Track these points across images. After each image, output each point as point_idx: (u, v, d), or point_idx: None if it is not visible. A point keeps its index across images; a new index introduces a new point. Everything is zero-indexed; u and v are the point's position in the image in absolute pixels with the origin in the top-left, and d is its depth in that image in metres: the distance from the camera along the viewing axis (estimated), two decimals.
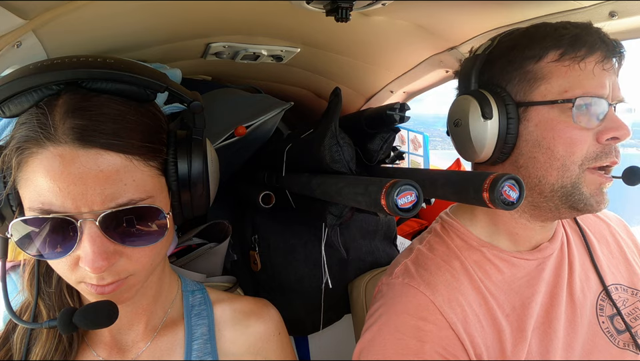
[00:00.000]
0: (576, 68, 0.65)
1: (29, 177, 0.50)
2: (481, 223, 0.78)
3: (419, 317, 0.67)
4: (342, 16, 0.78)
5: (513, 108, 0.69)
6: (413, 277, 0.73)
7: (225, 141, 1.02)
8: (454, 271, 0.73)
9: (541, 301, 0.72)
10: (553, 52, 0.67)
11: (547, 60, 0.67)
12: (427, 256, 0.77)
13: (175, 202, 0.59)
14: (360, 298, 1.13)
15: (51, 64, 0.51)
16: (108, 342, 0.66)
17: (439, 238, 0.80)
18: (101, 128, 0.50)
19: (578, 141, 0.65)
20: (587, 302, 0.75)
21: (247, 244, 1.23)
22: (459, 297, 0.69)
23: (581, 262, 0.79)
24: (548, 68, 0.67)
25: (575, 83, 0.65)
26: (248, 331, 0.71)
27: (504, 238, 0.76)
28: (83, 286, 0.53)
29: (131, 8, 0.80)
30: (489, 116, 0.68)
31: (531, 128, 0.68)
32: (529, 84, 0.68)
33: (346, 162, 0.85)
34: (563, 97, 0.65)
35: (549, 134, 0.67)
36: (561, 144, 0.66)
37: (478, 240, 0.76)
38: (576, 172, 0.66)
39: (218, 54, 1.13)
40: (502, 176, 0.54)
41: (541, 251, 0.76)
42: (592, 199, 0.67)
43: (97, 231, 0.50)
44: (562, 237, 0.80)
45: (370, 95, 1.45)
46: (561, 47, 0.66)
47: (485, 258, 0.74)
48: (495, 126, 0.69)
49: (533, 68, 0.68)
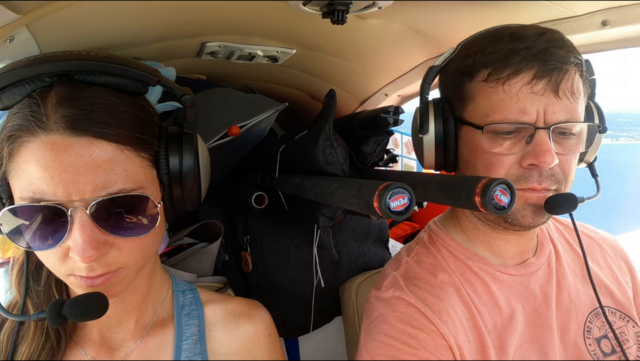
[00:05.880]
0: (499, 91, 0.63)
1: (20, 166, 0.50)
2: (462, 232, 0.77)
3: (412, 325, 0.67)
4: (338, 18, 0.78)
5: (451, 125, 0.69)
6: (403, 290, 0.72)
7: (219, 140, 1.02)
8: (442, 284, 0.72)
9: (524, 319, 0.71)
10: (483, 71, 0.65)
11: (478, 79, 0.65)
12: (414, 269, 0.76)
13: (166, 195, 0.59)
14: (351, 301, 1.13)
15: (44, 57, 0.52)
16: (96, 341, 0.65)
17: (426, 250, 0.79)
18: (93, 117, 0.50)
19: (495, 164, 0.65)
20: (574, 322, 0.73)
21: (238, 245, 1.22)
22: (449, 310, 0.69)
23: (572, 281, 0.77)
24: (477, 88, 0.66)
25: (494, 107, 0.63)
26: (238, 332, 0.71)
27: (483, 249, 0.75)
28: (73, 279, 0.53)
29: (125, 5, 0.79)
30: (424, 132, 0.70)
31: (461, 146, 0.70)
32: (461, 102, 0.68)
33: (339, 164, 0.85)
34: (481, 121, 0.64)
35: (473, 154, 0.68)
36: (481, 165, 0.66)
37: (464, 251, 0.76)
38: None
39: (213, 54, 1.13)
40: (494, 181, 0.54)
41: (526, 267, 0.75)
42: (517, 214, 0.66)
43: (87, 220, 0.50)
44: (550, 253, 0.78)
45: (364, 98, 1.45)
46: (489, 66, 0.64)
47: (471, 271, 0.74)
48: (431, 141, 0.70)
49: (465, 86, 0.67)
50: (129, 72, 0.54)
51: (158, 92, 0.94)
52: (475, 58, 0.66)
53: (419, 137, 0.72)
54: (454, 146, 0.70)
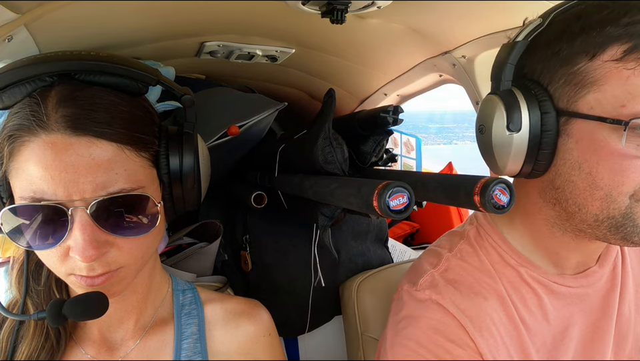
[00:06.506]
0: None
1: (20, 166, 0.50)
2: (519, 233, 0.66)
3: (448, 339, 0.59)
4: (337, 18, 0.79)
5: (552, 118, 0.53)
6: (441, 294, 0.63)
7: (218, 140, 1.02)
8: (486, 292, 0.63)
9: (580, 336, 0.62)
10: (615, 48, 0.49)
11: (605, 57, 0.50)
12: (456, 270, 0.66)
13: (166, 195, 0.59)
14: (351, 300, 1.13)
15: (44, 57, 0.52)
16: (96, 340, 0.65)
17: (471, 249, 0.68)
18: (93, 117, 0.50)
19: (629, 170, 0.50)
20: (632, 335, 0.65)
21: (237, 244, 1.22)
22: (490, 325, 0.60)
23: (633, 288, 0.67)
24: (603, 70, 0.50)
25: (637, 95, 0.48)
26: (238, 331, 0.71)
27: (542, 256, 0.65)
28: (73, 279, 0.53)
29: (125, 5, 0.79)
30: (515, 128, 0.54)
31: (571, 145, 0.54)
32: (575, 88, 0.52)
33: (339, 164, 0.85)
34: (617, 113, 0.49)
35: (593, 158, 0.52)
36: (606, 172, 0.51)
37: (516, 256, 0.65)
38: (626, 203, 0.52)
39: (212, 53, 1.13)
40: (493, 180, 0.54)
41: (586, 277, 0.64)
42: None
43: (87, 219, 0.50)
44: (616, 257, 0.67)
45: (364, 97, 1.45)
46: (628, 40, 0.48)
47: (522, 280, 0.64)
48: (524, 140, 0.54)
49: (583, 67, 0.51)
50: (130, 72, 0.54)
51: (157, 91, 0.94)
52: (605, 30, 0.49)
53: (505, 135, 0.55)
54: (553, 146, 0.55)
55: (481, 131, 0.60)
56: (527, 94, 0.54)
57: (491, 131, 0.57)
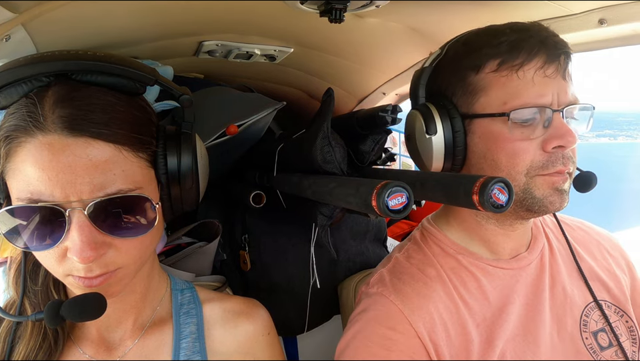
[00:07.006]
0: (514, 78, 0.64)
1: (17, 167, 0.49)
2: (455, 228, 0.78)
3: (388, 326, 0.68)
4: (336, 17, 0.78)
5: (459, 121, 0.68)
6: (386, 286, 0.73)
7: (217, 140, 1.02)
8: (427, 279, 0.72)
9: (516, 312, 0.71)
10: (492, 62, 0.66)
11: (486, 70, 0.66)
12: (402, 265, 0.77)
13: (165, 195, 0.59)
14: (349, 299, 1.14)
15: (41, 56, 0.52)
16: (95, 340, 0.65)
17: (417, 246, 0.80)
18: (90, 118, 0.50)
19: (520, 152, 0.65)
20: (570, 316, 0.74)
21: (236, 244, 1.22)
22: (430, 305, 0.69)
23: (566, 275, 0.78)
24: (487, 80, 0.66)
25: (513, 94, 0.64)
26: (237, 331, 0.71)
27: (478, 245, 0.76)
28: (71, 280, 0.53)
29: (123, 5, 0.79)
30: (433, 132, 0.69)
31: (476, 140, 0.69)
32: (470, 96, 0.68)
33: (337, 163, 0.85)
34: (502, 110, 0.65)
35: (492, 147, 0.67)
36: (503, 156, 0.66)
37: (455, 246, 0.76)
38: (523, 180, 0.66)
39: (211, 53, 1.13)
40: (492, 179, 0.54)
41: (518, 261, 0.75)
42: (545, 200, 0.66)
43: (85, 221, 0.49)
44: (543, 248, 0.79)
45: (362, 97, 1.45)
46: (498, 56, 0.65)
47: (461, 265, 0.74)
48: (440, 141, 0.69)
49: (473, 79, 0.67)
50: (127, 71, 0.54)
51: (155, 91, 0.94)
52: (482, 51, 0.66)
53: (426, 138, 0.70)
54: (464, 143, 0.70)
55: (408, 139, 0.76)
56: (437, 105, 0.70)
57: (415, 138, 0.73)
